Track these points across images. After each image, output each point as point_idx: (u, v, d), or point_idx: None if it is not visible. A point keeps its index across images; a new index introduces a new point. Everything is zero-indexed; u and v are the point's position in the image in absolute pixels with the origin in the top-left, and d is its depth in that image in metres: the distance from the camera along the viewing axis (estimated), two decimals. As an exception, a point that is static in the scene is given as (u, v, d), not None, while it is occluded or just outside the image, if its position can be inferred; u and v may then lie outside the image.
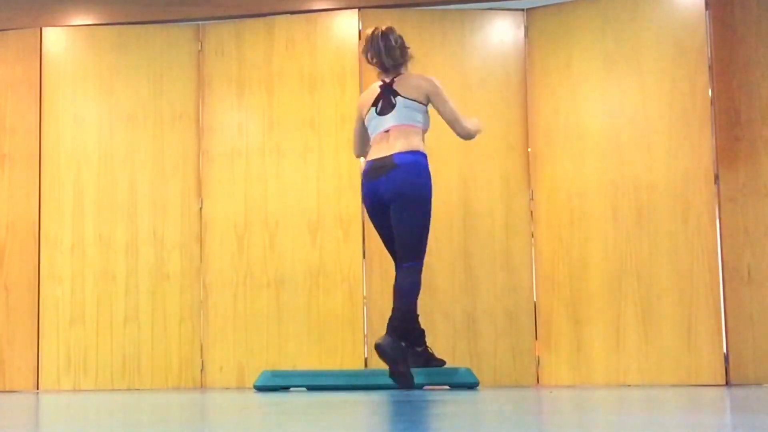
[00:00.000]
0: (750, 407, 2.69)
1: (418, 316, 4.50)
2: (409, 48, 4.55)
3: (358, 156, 4.74)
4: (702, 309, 4.70)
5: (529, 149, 5.13)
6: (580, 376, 4.91)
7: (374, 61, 4.51)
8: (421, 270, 4.36)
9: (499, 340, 5.02)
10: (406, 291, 4.34)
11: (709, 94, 4.80)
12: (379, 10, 5.21)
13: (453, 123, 4.45)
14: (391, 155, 4.35)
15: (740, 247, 4.75)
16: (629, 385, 4.76)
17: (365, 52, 4.54)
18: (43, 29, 5.42)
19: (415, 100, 4.43)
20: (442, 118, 4.45)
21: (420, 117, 4.44)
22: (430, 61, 5.18)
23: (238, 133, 5.30)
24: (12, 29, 5.44)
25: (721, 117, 4.83)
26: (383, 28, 4.52)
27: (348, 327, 5.06)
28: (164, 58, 5.39)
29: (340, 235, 5.12)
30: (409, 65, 4.57)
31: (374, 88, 4.55)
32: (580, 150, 5.01)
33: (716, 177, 4.79)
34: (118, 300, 5.24)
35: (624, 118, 4.94)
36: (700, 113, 4.79)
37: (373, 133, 4.49)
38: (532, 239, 5.09)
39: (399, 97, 4.44)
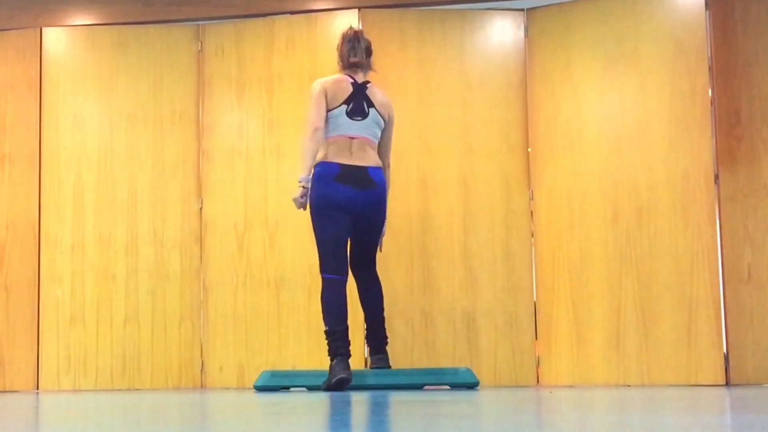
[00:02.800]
0: (750, 407, 2.69)
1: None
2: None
3: (322, 128, 4.34)
4: (702, 309, 4.70)
5: (529, 149, 5.13)
6: (580, 376, 4.91)
7: (352, 58, 4.48)
8: (377, 274, 4.66)
9: (499, 340, 5.02)
10: (380, 301, 4.62)
11: (709, 94, 4.80)
12: (379, 10, 5.21)
13: (387, 153, 4.58)
14: (365, 168, 4.40)
15: (740, 247, 4.75)
16: (629, 385, 4.76)
17: (344, 49, 4.50)
18: (43, 29, 5.42)
19: (382, 118, 4.52)
20: (382, 138, 4.54)
21: (379, 135, 4.54)
22: (430, 61, 5.19)
23: (237, 133, 5.30)
24: (12, 29, 5.44)
25: (721, 117, 4.83)
26: (356, 29, 4.58)
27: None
28: (164, 58, 5.39)
29: (340, 235, 5.11)
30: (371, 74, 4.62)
31: (345, 83, 4.47)
32: (580, 150, 5.01)
33: (716, 177, 4.79)
34: (118, 300, 5.24)
35: (624, 118, 4.94)
36: (700, 113, 4.79)
37: (335, 133, 4.41)
38: (532, 239, 5.09)
39: (373, 108, 4.46)
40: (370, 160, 4.43)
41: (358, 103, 4.43)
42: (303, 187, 4.34)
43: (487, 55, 5.19)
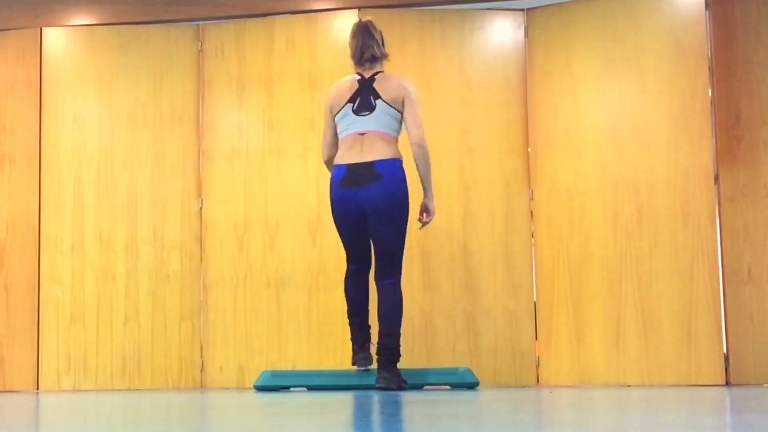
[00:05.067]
0: (750, 407, 2.69)
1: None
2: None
3: (328, 159, 4.46)
4: (702, 309, 4.70)
5: (529, 149, 5.13)
6: (580, 376, 4.91)
7: (358, 51, 4.40)
8: (400, 287, 4.29)
9: (499, 340, 5.02)
10: (390, 314, 4.23)
11: (709, 94, 4.80)
12: (379, 10, 5.21)
13: (413, 128, 4.30)
14: (371, 162, 4.25)
15: (740, 247, 4.76)
16: (629, 385, 4.76)
17: (351, 44, 4.44)
18: (43, 29, 5.42)
19: (394, 107, 4.33)
20: (405, 122, 4.32)
21: (396, 126, 4.36)
22: (430, 61, 5.19)
23: (238, 133, 5.30)
24: (12, 29, 5.44)
25: (721, 117, 4.83)
26: (366, 19, 4.47)
27: (348, 327, 5.05)
28: (164, 58, 5.39)
29: (340, 235, 5.11)
30: (386, 64, 4.50)
31: (350, 82, 4.40)
32: (580, 150, 5.01)
33: (716, 177, 4.79)
34: (118, 300, 5.24)
35: (624, 118, 4.94)
36: (700, 113, 4.80)
37: (345, 133, 4.35)
38: (532, 239, 5.09)
39: (380, 100, 4.32)
40: (380, 153, 4.26)
41: (365, 98, 4.34)
42: None
43: (487, 55, 5.19)
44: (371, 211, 4.26)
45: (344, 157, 4.32)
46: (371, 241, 4.35)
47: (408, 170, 4.36)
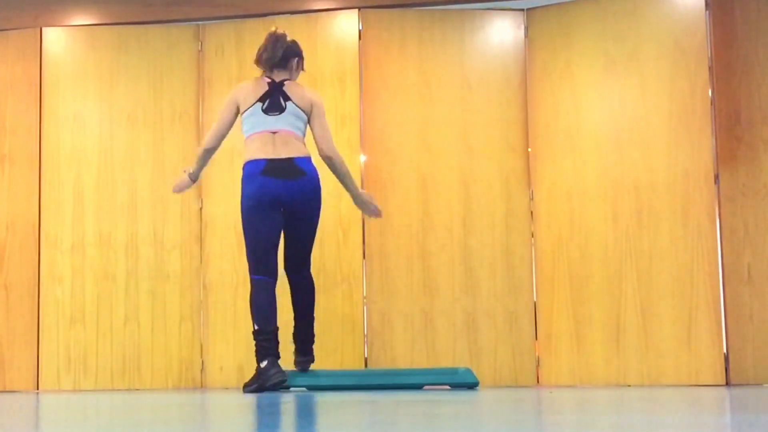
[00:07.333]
0: (750, 407, 2.69)
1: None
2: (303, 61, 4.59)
3: (211, 147, 4.55)
4: (702, 309, 4.70)
5: (529, 149, 5.13)
6: (580, 376, 4.91)
7: (267, 56, 4.45)
8: (311, 273, 4.58)
9: (499, 340, 5.02)
10: (310, 303, 4.57)
11: (709, 94, 4.80)
12: (379, 10, 5.21)
13: (322, 138, 4.45)
14: (291, 158, 4.35)
15: (740, 247, 4.76)
16: (629, 385, 4.76)
17: (261, 48, 4.49)
18: (43, 29, 5.41)
19: (303, 110, 4.44)
20: (313, 129, 4.46)
21: (303, 128, 4.48)
22: (430, 61, 5.19)
23: (237, 133, 5.28)
24: (12, 29, 5.44)
25: (721, 117, 4.83)
26: (281, 31, 4.53)
27: (348, 327, 5.06)
28: (164, 58, 5.39)
29: (340, 235, 5.12)
30: (299, 76, 4.59)
31: (259, 82, 4.49)
32: (580, 150, 5.01)
33: (716, 177, 4.79)
34: (118, 300, 5.24)
35: (624, 118, 4.94)
36: (700, 113, 4.79)
37: (253, 131, 4.43)
38: (532, 239, 5.09)
39: (290, 102, 4.43)
40: (296, 151, 4.37)
41: (274, 99, 4.43)
42: (190, 178, 4.64)
43: (487, 55, 5.19)
44: (294, 206, 4.36)
45: (258, 153, 4.39)
46: (288, 237, 4.44)
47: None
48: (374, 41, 5.20)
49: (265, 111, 4.42)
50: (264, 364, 4.27)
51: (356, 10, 5.21)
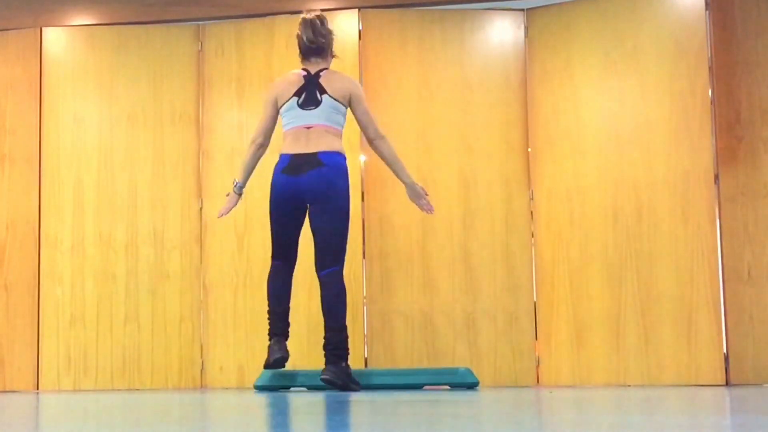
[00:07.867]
0: (750, 407, 2.69)
1: (346, 327, 4.33)
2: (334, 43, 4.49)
3: (260, 142, 4.47)
4: (702, 309, 4.70)
5: (529, 149, 5.13)
6: (580, 376, 4.91)
7: (304, 45, 4.40)
8: (342, 275, 4.31)
9: (499, 340, 5.02)
10: (334, 305, 4.27)
11: (709, 94, 4.80)
12: (379, 10, 5.21)
13: (368, 124, 4.40)
14: (315, 153, 4.29)
15: (740, 247, 4.75)
16: (629, 385, 4.76)
17: (298, 36, 4.43)
18: (43, 29, 5.42)
19: (339, 102, 4.38)
20: (357, 118, 4.41)
21: (342, 120, 4.42)
22: (430, 61, 5.19)
23: (238, 133, 5.30)
24: (12, 29, 5.44)
25: (721, 117, 4.83)
26: (317, 13, 4.46)
27: (348, 327, 5.05)
28: (164, 58, 5.39)
29: (340, 235, 5.10)
30: (333, 62, 4.50)
31: (295, 76, 4.44)
32: (580, 150, 5.01)
33: (716, 177, 4.79)
34: (118, 300, 5.24)
35: (624, 118, 4.94)
36: (700, 113, 4.79)
37: (290, 126, 4.39)
38: (532, 239, 5.09)
39: (326, 95, 4.37)
40: (325, 145, 4.31)
41: (310, 93, 4.38)
42: (235, 192, 4.50)
43: (487, 55, 5.19)
44: (311, 199, 4.30)
45: (288, 148, 4.37)
46: (313, 233, 4.34)
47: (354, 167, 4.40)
48: (374, 41, 5.21)
49: (301, 105, 4.37)
50: (270, 342, 4.34)
51: (356, 10, 5.21)
